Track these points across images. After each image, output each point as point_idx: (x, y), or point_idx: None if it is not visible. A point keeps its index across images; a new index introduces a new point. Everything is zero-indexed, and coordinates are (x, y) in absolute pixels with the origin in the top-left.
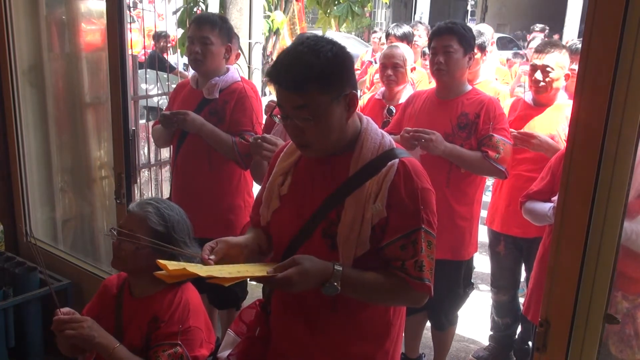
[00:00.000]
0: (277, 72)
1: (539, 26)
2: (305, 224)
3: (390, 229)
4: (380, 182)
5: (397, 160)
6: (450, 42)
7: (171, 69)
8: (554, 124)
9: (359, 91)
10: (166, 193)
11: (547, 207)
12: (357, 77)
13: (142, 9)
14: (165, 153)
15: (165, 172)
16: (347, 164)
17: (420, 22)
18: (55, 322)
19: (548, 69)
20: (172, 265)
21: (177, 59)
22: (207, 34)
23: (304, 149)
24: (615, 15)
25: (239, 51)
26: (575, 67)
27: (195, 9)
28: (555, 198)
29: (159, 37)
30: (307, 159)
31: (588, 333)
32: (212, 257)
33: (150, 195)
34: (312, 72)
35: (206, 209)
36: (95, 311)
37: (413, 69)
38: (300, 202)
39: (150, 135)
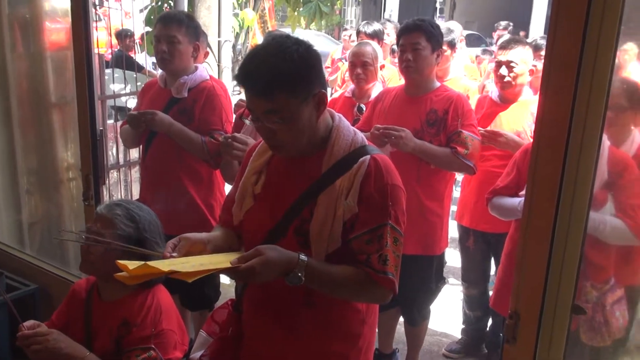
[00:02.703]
0: (244, 77)
1: (502, 23)
2: (278, 223)
3: (358, 223)
4: (352, 179)
5: (368, 156)
6: (418, 40)
7: (139, 68)
8: (519, 120)
9: (329, 89)
10: (136, 194)
11: (516, 201)
12: (327, 75)
13: (109, 7)
14: (135, 153)
15: (135, 173)
16: (319, 162)
17: (389, 20)
18: (20, 338)
19: (512, 64)
20: (132, 265)
21: (144, 58)
22: (174, 33)
23: (277, 150)
24: (578, 13)
25: (208, 49)
26: (537, 63)
27: (163, 7)
28: (523, 192)
29: (124, 35)
30: (279, 157)
31: (556, 324)
32: (174, 254)
33: (119, 196)
34: (279, 77)
35: (178, 209)
36: (64, 317)
37: (382, 67)
38: (274, 200)
39: (118, 136)
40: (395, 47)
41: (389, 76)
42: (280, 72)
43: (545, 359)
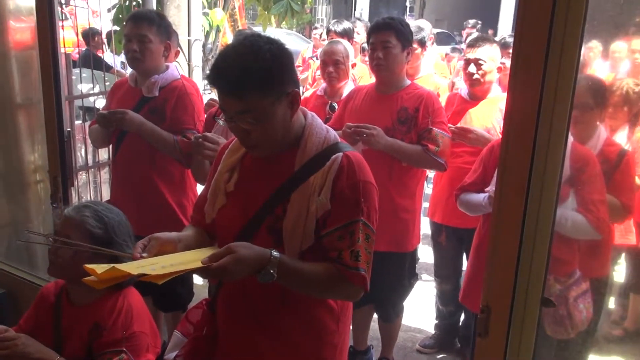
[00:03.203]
0: (216, 77)
1: (471, 22)
2: (251, 220)
3: (330, 219)
4: (324, 176)
5: (341, 154)
6: (389, 38)
7: (107, 68)
8: (489, 117)
9: (301, 87)
10: (106, 195)
11: (481, 197)
12: (299, 73)
13: (75, 6)
14: (104, 154)
15: (105, 174)
16: (292, 160)
17: (359, 19)
18: None
19: (480, 61)
20: (100, 268)
21: (112, 57)
22: (145, 32)
23: (251, 149)
24: (544, 12)
25: (179, 49)
26: (506, 60)
27: (131, 6)
28: (489, 188)
29: (91, 34)
30: (252, 155)
31: (527, 317)
32: (144, 254)
33: (89, 198)
34: (252, 78)
35: (150, 209)
36: (32, 321)
37: (354, 65)
38: (246, 198)
39: (87, 137)
40: (365, 45)
41: (360, 74)
42: (253, 71)
43: (516, 351)
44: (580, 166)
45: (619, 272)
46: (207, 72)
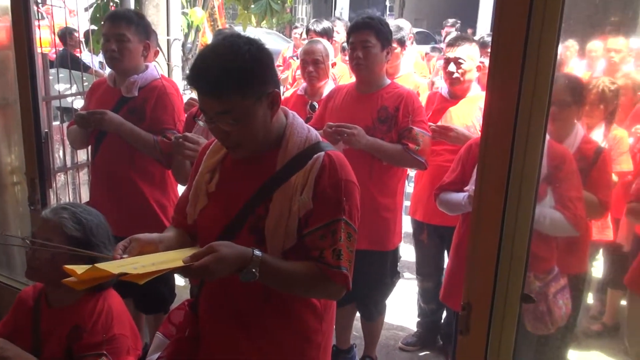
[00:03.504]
0: (196, 78)
1: (450, 21)
2: (233, 220)
3: (312, 218)
4: (306, 175)
5: (322, 153)
6: (368, 37)
7: (85, 68)
8: (468, 115)
9: (282, 87)
10: (85, 197)
11: (461, 196)
12: (279, 73)
13: (51, 5)
14: (83, 155)
15: (83, 175)
16: (274, 159)
17: (339, 18)
18: None
19: (460, 60)
20: (80, 269)
21: (90, 57)
22: (124, 31)
23: (232, 150)
24: (521, 11)
25: (158, 48)
26: (485, 59)
27: (109, 5)
28: (468, 187)
29: (68, 34)
30: (233, 156)
31: (507, 313)
32: (125, 256)
33: (67, 200)
34: (231, 78)
35: (130, 210)
36: (10, 326)
37: (334, 64)
38: (228, 198)
39: (65, 137)
40: (346, 44)
41: (340, 74)
42: (232, 72)
43: (497, 348)
44: (557, 164)
45: (597, 268)
46: (187, 72)
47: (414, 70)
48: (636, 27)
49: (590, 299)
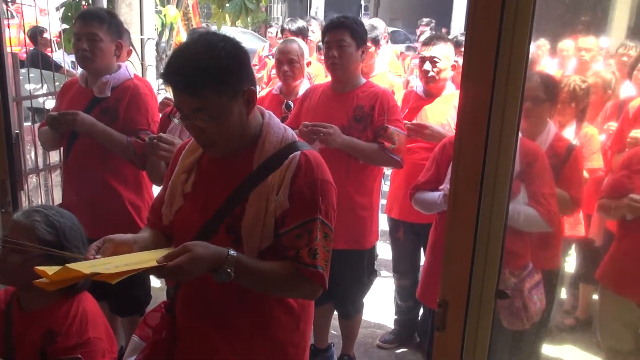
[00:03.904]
0: (171, 75)
1: (425, 20)
2: (209, 221)
3: (288, 218)
4: (282, 174)
5: (299, 152)
6: (343, 37)
7: (57, 68)
8: (443, 113)
9: (257, 86)
10: (58, 199)
11: (436, 195)
12: (254, 72)
13: (22, 4)
14: (55, 157)
15: (56, 177)
16: (250, 159)
17: (314, 18)
18: None
19: (435, 59)
20: (52, 270)
21: (62, 56)
22: (95, 31)
23: (207, 148)
24: (493, 11)
25: (131, 47)
26: (459, 58)
27: (81, 4)
28: (443, 186)
29: (38, 33)
30: (210, 155)
31: (482, 309)
32: (97, 256)
33: (40, 202)
34: (207, 75)
35: (105, 212)
36: None
37: (309, 64)
38: (204, 199)
39: (37, 139)
40: (321, 44)
41: (316, 73)
42: (208, 69)
43: (472, 343)
44: (530, 161)
45: (570, 263)
46: (162, 70)
47: (388, 70)
48: (606, 27)
49: (563, 293)
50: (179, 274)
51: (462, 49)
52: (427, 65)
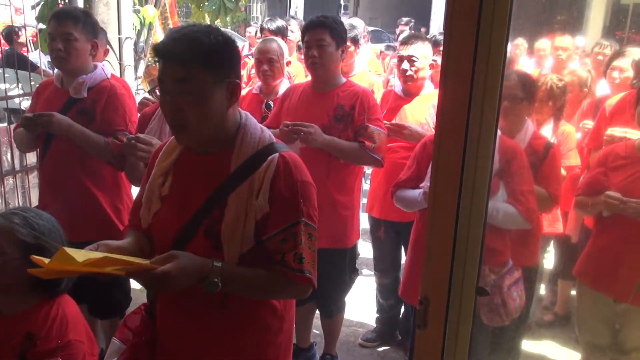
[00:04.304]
0: (165, 45)
1: (404, 19)
2: (188, 224)
3: (271, 222)
4: (261, 178)
5: (277, 154)
6: (323, 36)
7: (33, 68)
8: (422, 112)
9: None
10: (35, 201)
11: (416, 193)
12: None
13: None
14: (32, 158)
15: (33, 178)
16: (227, 161)
17: (293, 17)
18: None
19: (413, 58)
20: (49, 260)
21: (38, 56)
22: (70, 30)
23: (180, 131)
24: (471, 10)
25: (108, 47)
26: (437, 57)
27: (57, 3)
28: (423, 184)
29: (15, 32)
30: (187, 156)
31: (463, 306)
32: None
33: (17, 204)
34: (200, 48)
35: (83, 214)
36: None
37: (289, 63)
38: (182, 201)
39: (13, 140)
40: (301, 43)
41: (295, 72)
42: (202, 45)
43: (454, 340)
44: (509, 159)
45: (549, 260)
46: (147, 62)
47: (368, 69)
48: (581, 26)
49: (542, 290)
50: (166, 281)
51: (441, 48)
52: (405, 65)
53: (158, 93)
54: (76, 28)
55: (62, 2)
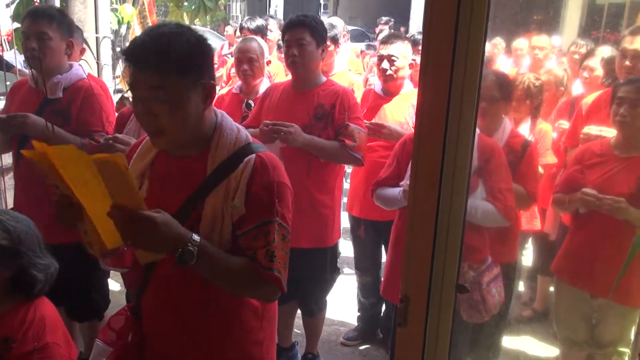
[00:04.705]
0: (134, 50)
1: (384, 19)
2: None
3: (245, 220)
4: (238, 179)
5: (253, 155)
6: (303, 35)
7: (8, 67)
8: (402, 112)
9: (217, 86)
10: (11, 202)
11: (396, 191)
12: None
13: None
14: (8, 159)
15: (9, 180)
16: (204, 163)
17: (272, 17)
18: None
19: (393, 58)
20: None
21: (14, 55)
22: (45, 29)
23: (157, 136)
24: (450, 10)
25: (85, 46)
26: (416, 57)
27: (32, 1)
28: (403, 182)
29: None
30: (163, 159)
31: (443, 304)
32: None
33: None
34: (172, 53)
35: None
36: None
37: (269, 62)
38: (160, 204)
39: None
40: (281, 42)
41: (275, 71)
42: (174, 49)
43: (434, 337)
44: (487, 157)
45: (527, 257)
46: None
47: (348, 68)
48: (558, 26)
49: (521, 286)
50: (146, 228)
51: (420, 48)
52: (385, 64)
53: None
54: (51, 27)
55: (38, 1)
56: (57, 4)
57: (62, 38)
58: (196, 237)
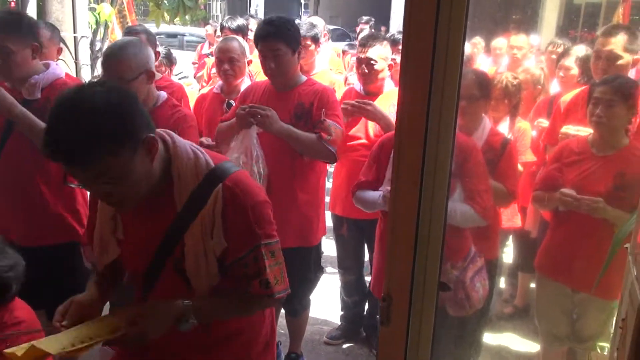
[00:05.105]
0: (57, 150)
1: (364, 18)
2: (152, 263)
3: (230, 252)
4: (211, 215)
5: (220, 185)
6: (278, 46)
7: None
8: (383, 111)
9: (197, 85)
10: None
11: (376, 195)
12: (194, 70)
13: None
14: None
15: None
16: (171, 196)
17: (252, 16)
18: None
19: (372, 61)
20: (20, 349)
21: None
22: (5, 43)
23: (119, 206)
24: (429, 10)
25: (62, 46)
26: (396, 56)
27: (8, 2)
28: (382, 187)
29: None
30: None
31: (425, 302)
32: (64, 322)
33: None
34: (99, 142)
35: (38, 217)
36: None
37: (250, 62)
38: (141, 244)
39: None
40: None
41: (257, 70)
42: (98, 134)
43: (417, 335)
44: (465, 157)
45: (508, 254)
46: (44, 142)
47: (329, 67)
48: (536, 25)
49: (502, 283)
50: (143, 339)
51: (400, 47)
52: (364, 68)
53: None
54: (9, 39)
55: (13, 2)
56: (34, 4)
57: (24, 46)
58: (187, 302)
